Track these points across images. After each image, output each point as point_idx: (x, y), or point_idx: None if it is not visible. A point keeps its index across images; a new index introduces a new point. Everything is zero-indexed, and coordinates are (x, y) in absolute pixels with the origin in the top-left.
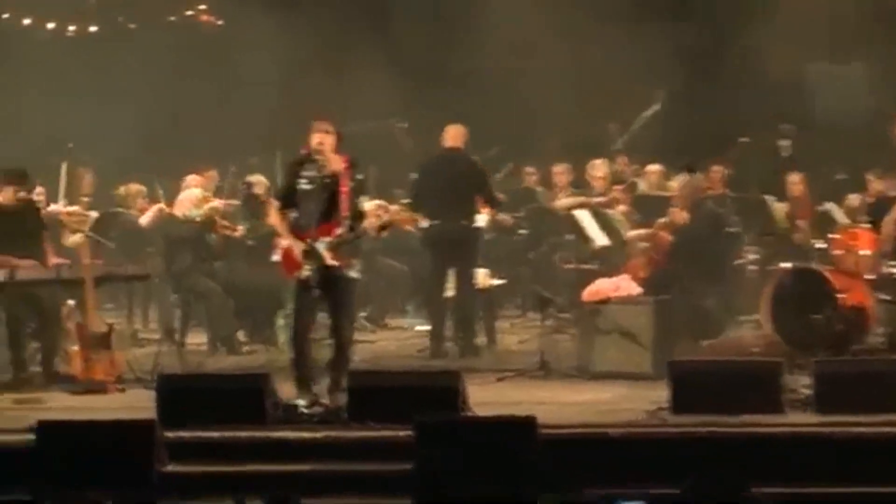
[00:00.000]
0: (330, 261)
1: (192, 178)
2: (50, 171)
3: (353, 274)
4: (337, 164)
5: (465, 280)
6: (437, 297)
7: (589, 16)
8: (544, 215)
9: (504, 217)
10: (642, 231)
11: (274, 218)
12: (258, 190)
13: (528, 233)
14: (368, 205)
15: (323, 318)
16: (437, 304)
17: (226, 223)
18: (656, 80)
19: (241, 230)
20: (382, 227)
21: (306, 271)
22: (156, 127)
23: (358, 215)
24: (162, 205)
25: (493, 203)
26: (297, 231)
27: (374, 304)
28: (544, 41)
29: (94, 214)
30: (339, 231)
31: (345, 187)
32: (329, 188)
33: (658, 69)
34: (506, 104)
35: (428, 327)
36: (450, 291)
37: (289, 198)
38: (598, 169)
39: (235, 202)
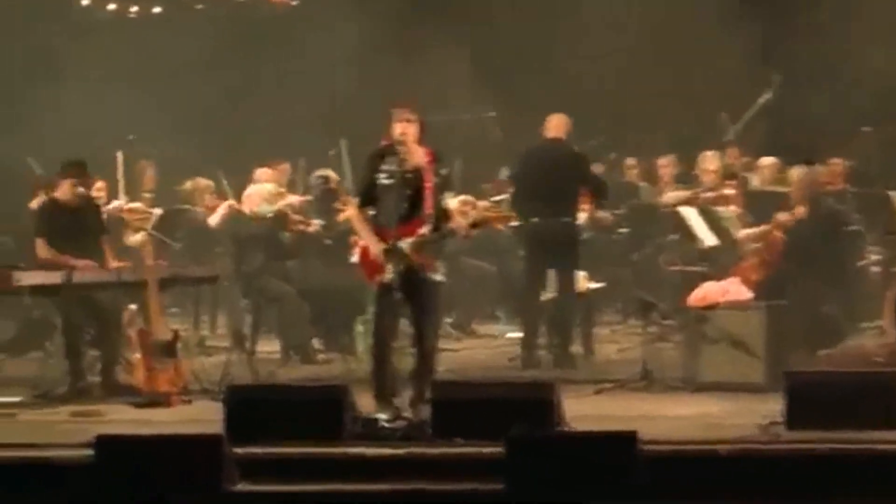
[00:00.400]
0: (414, 262)
1: (262, 172)
2: (109, 165)
3: (438, 277)
4: (420, 156)
5: (566, 282)
6: (532, 301)
7: None
8: (647, 213)
9: (603, 214)
10: (754, 230)
11: (353, 215)
12: (334, 184)
13: (630, 232)
14: (453, 202)
15: (405, 324)
16: (532, 309)
17: (300, 218)
18: (770, 64)
19: (315, 224)
20: (474, 226)
21: (388, 274)
22: (220, 117)
23: (442, 213)
24: (231, 202)
25: (600, 192)
26: (377, 230)
27: (459, 309)
28: (646, 20)
29: (157, 212)
30: (422, 230)
31: (429, 182)
32: (411, 183)
33: (772, 52)
34: (604, 92)
35: (520, 334)
36: (548, 294)
37: (368, 193)
38: (711, 161)
39: (309, 198)
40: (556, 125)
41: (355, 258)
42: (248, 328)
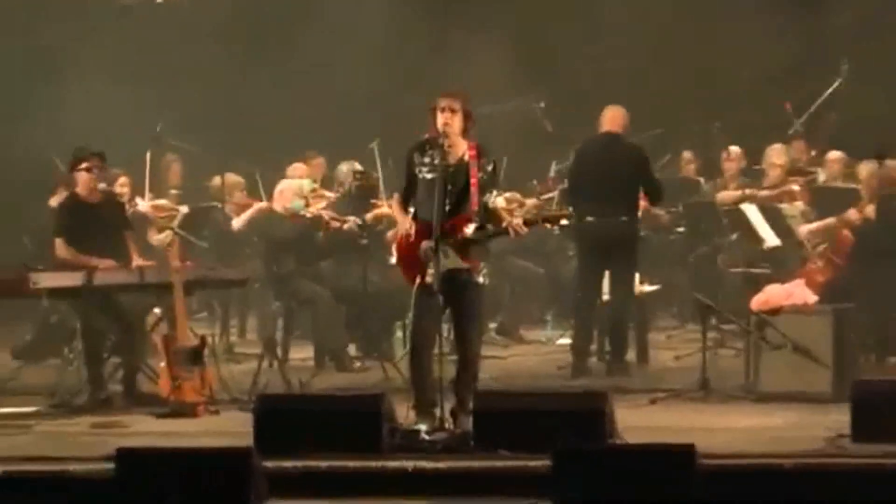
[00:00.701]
0: (458, 263)
1: (296, 168)
2: (135, 160)
3: (482, 278)
4: (463, 150)
5: (623, 285)
6: (585, 305)
7: None
8: (706, 210)
9: (658, 212)
10: (820, 227)
11: (395, 211)
12: (372, 180)
13: (687, 230)
14: (500, 199)
15: (447, 330)
16: (585, 314)
17: (334, 216)
18: (839, 50)
19: (351, 222)
20: (527, 224)
21: (429, 276)
22: (247, 108)
23: (488, 211)
24: (261, 204)
25: (655, 194)
26: (418, 227)
27: (505, 313)
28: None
29: (184, 209)
30: (467, 229)
31: (474, 178)
32: (455, 178)
33: (841, 37)
34: (659, 81)
35: (570, 340)
36: (602, 298)
37: (410, 189)
38: (779, 155)
39: (342, 194)
40: (611, 118)
41: (393, 259)
42: (279, 333)
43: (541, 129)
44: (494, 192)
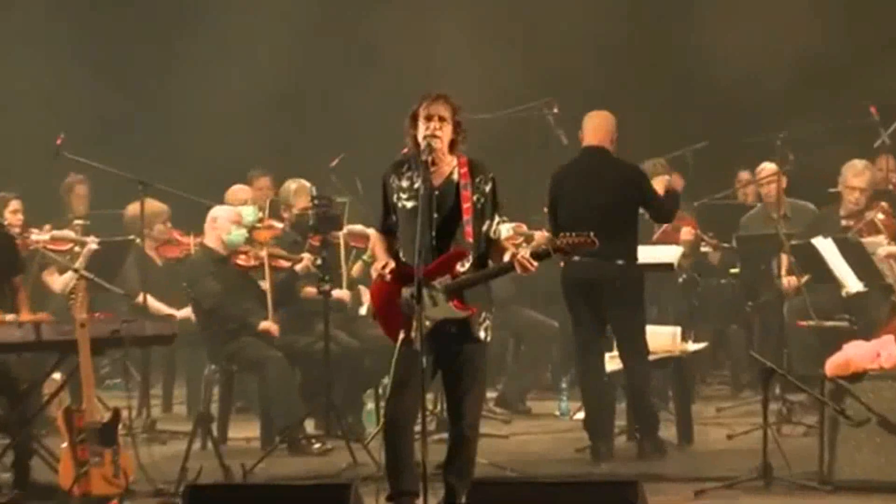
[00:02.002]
0: (451, 312)
1: (237, 191)
2: (29, 179)
3: (483, 332)
4: (452, 167)
5: (631, 343)
6: (592, 369)
7: None
8: (767, 246)
9: (708, 246)
10: None
11: (374, 250)
12: (336, 208)
13: (743, 272)
14: (503, 228)
15: (434, 399)
16: (593, 381)
17: (284, 253)
18: None
19: (308, 261)
20: (537, 257)
21: (413, 329)
22: (172, 116)
23: (489, 244)
24: (190, 239)
25: (660, 212)
26: (399, 269)
27: (508, 378)
28: None
29: (92, 245)
30: (461, 267)
31: (466, 202)
32: (443, 204)
33: None
34: (706, 80)
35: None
36: (614, 362)
37: (389, 219)
38: (860, 175)
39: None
40: (594, 128)
41: (365, 308)
42: (215, 405)
43: (554, 143)
44: (496, 219)
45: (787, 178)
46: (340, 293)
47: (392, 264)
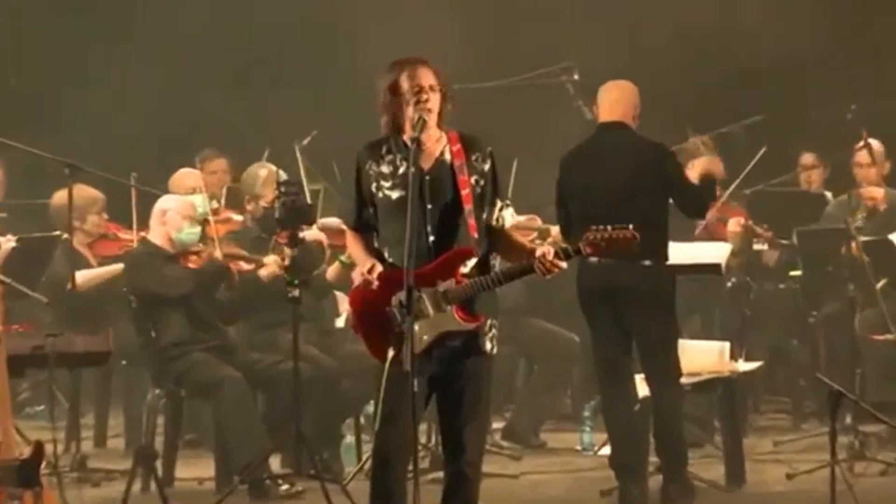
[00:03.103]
0: (454, 323)
1: (184, 176)
2: None
3: (489, 344)
4: (442, 145)
5: (657, 360)
6: (617, 394)
7: None
8: (835, 243)
9: (762, 242)
10: None
11: (352, 251)
12: (308, 196)
13: (806, 275)
14: (508, 215)
15: (427, 432)
16: (619, 408)
17: (244, 253)
18: None
19: (273, 265)
20: (564, 256)
21: (424, 338)
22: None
23: (496, 236)
24: (133, 235)
25: (692, 204)
26: (387, 273)
27: (518, 405)
28: None
29: (8, 243)
30: (465, 268)
31: (465, 188)
32: (436, 191)
33: None
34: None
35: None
36: (641, 388)
37: (365, 215)
38: None
39: (258, 217)
40: (613, 101)
41: (343, 319)
42: (160, 439)
43: (574, 117)
44: (498, 203)
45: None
46: (312, 234)
47: (379, 266)
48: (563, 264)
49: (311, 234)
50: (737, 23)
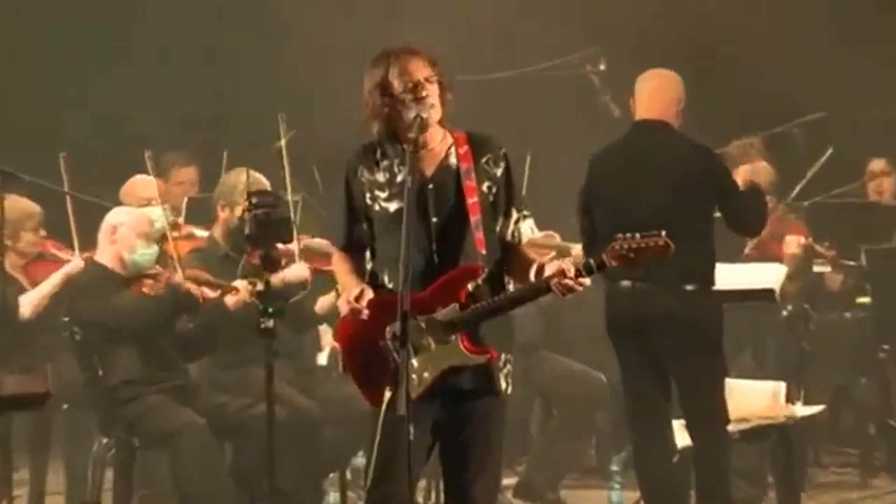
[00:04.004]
0: (459, 357)
1: (139, 184)
2: None
3: (504, 382)
4: (446, 146)
5: (698, 403)
6: (651, 443)
7: None
8: None
9: (825, 263)
10: None
11: (338, 273)
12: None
13: (877, 302)
14: (526, 227)
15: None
16: (653, 458)
17: (209, 278)
18: None
19: (243, 288)
20: (585, 272)
21: (425, 375)
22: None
23: (508, 251)
24: (76, 259)
25: (745, 221)
26: (381, 299)
27: (535, 456)
28: None
29: None
30: (473, 286)
31: (472, 197)
32: (441, 201)
33: None
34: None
35: None
36: (680, 436)
37: (352, 231)
38: None
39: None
40: (651, 93)
41: (325, 355)
42: (109, 495)
43: (600, 113)
44: (514, 214)
45: None
46: (294, 271)
47: (369, 292)
48: (586, 281)
49: (294, 270)
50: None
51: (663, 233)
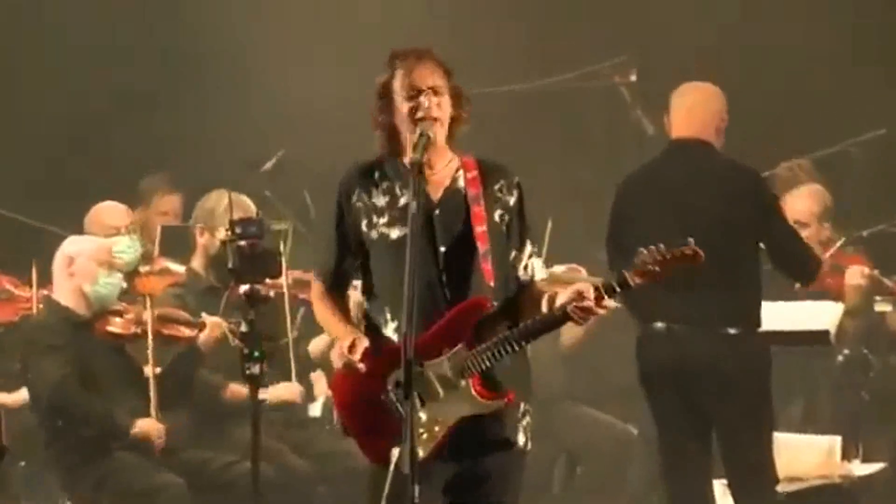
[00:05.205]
0: (472, 404)
1: (106, 211)
2: None
3: (521, 436)
4: (454, 169)
5: (743, 461)
6: (683, 502)
7: None
8: None
9: (888, 301)
10: None
11: (322, 317)
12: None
13: None
14: (538, 265)
15: None
16: None
17: (179, 316)
18: None
19: (225, 326)
20: (605, 293)
21: (435, 429)
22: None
23: (522, 290)
24: (34, 293)
25: (795, 265)
26: (381, 347)
27: None
28: None
29: None
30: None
31: (480, 224)
32: (448, 228)
33: None
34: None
35: None
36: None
37: (343, 264)
38: None
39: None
40: (689, 109)
41: (319, 405)
42: None
43: (631, 131)
44: (528, 248)
45: None
46: (284, 390)
47: (363, 341)
48: (610, 303)
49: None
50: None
51: (691, 240)
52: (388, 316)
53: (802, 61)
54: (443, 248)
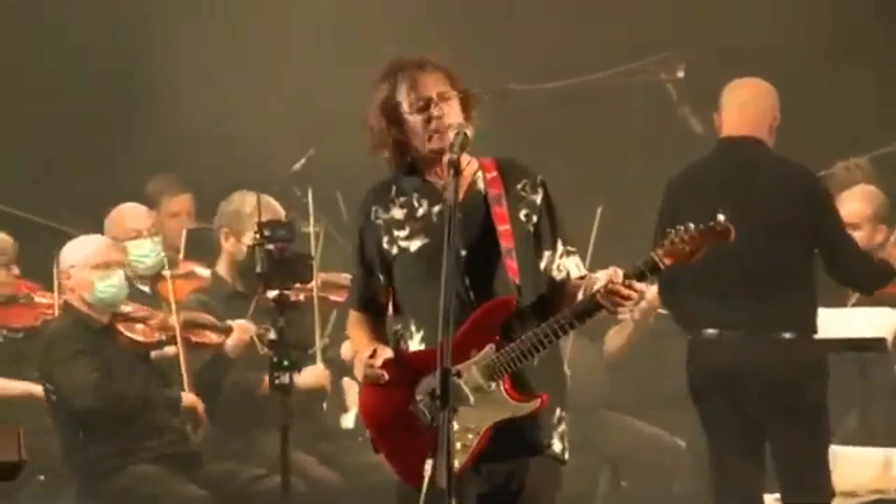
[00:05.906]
0: (504, 407)
1: (127, 214)
2: None
3: (558, 443)
4: (472, 172)
5: (798, 473)
6: None
7: None
8: None
9: None
10: None
11: (351, 333)
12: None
13: None
14: (571, 264)
15: None
16: None
17: (207, 320)
18: None
19: (252, 331)
20: (636, 276)
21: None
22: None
23: (556, 289)
24: (55, 298)
25: (854, 273)
26: (406, 357)
27: None
28: None
29: None
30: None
31: (503, 223)
32: (469, 231)
33: None
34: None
35: None
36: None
37: (370, 283)
38: None
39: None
40: (741, 106)
41: (351, 417)
42: None
43: (678, 129)
44: (559, 248)
45: None
46: (311, 374)
47: (383, 350)
48: (639, 286)
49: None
50: None
51: (721, 216)
52: (414, 328)
53: (857, 58)
54: (464, 252)
